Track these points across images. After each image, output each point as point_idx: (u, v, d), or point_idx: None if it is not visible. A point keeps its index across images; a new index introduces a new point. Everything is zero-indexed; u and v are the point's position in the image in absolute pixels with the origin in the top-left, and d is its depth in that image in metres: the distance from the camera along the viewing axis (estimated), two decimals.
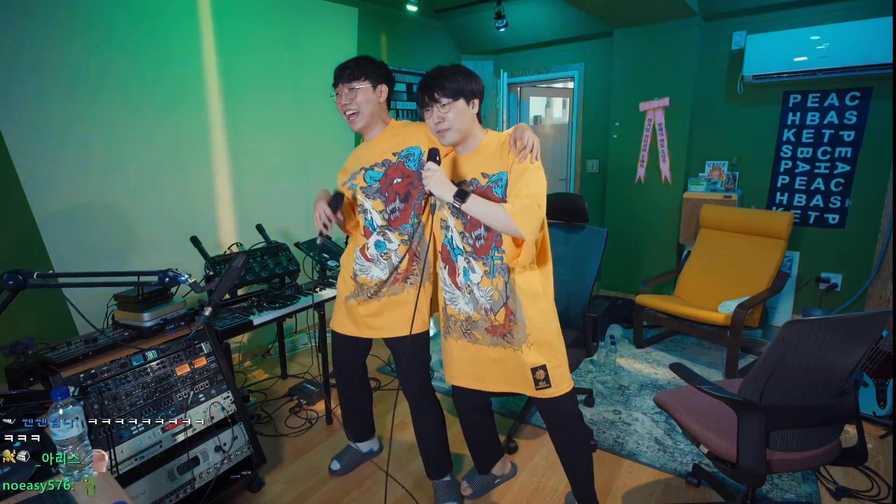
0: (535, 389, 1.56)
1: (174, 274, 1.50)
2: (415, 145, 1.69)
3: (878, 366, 2.28)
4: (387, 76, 1.70)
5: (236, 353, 3.13)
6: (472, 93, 1.47)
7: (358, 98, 1.64)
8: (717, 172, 3.74)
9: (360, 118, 1.68)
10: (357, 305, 1.81)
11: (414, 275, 1.74)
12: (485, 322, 1.57)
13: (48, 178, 2.32)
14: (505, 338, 1.56)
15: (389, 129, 1.74)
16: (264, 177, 3.25)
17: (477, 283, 1.55)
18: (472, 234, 1.53)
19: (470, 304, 1.58)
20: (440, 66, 1.49)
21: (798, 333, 1.30)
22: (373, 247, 1.74)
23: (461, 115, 1.45)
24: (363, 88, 1.64)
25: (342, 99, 1.66)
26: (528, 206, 1.36)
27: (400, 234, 1.71)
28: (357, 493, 2.00)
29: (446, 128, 1.46)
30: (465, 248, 1.55)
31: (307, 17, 3.39)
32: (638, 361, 3.14)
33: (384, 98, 1.70)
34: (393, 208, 1.70)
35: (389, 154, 1.70)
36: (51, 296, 2.38)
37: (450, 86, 1.43)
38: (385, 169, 1.70)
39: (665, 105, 3.74)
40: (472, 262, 1.55)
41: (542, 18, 4.25)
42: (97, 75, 2.43)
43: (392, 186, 1.69)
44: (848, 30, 3.01)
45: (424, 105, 1.48)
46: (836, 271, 3.45)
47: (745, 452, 1.40)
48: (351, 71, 1.63)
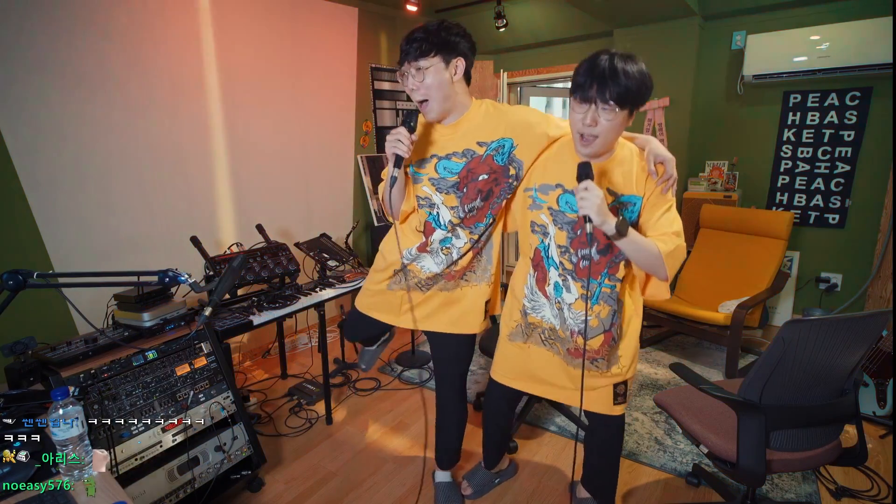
0: (611, 406, 1.50)
1: (174, 274, 1.50)
2: (506, 136, 1.42)
3: (878, 366, 2.28)
4: (466, 45, 1.38)
5: (236, 353, 3.14)
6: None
7: (427, 80, 1.34)
8: (717, 172, 3.74)
9: (435, 104, 1.37)
10: (403, 293, 1.63)
11: (472, 272, 1.60)
12: (568, 343, 1.46)
13: (48, 178, 2.33)
14: (595, 363, 1.46)
15: (473, 112, 1.44)
16: (264, 177, 3.25)
17: (569, 304, 1.42)
18: (578, 252, 1.37)
19: (557, 319, 1.47)
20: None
21: (798, 333, 1.30)
22: (436, 242, 1.53)
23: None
24: (433, 67, 1.33)
25: (410, 82, 1.37)
26: (681, 248, 1.27)
27: (471, 233, 1.52)
28: (357, 493, 2.00)
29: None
30: (564, 264, 1.40)
31: (307, 17, 3.39)
32: (638, 361, 3.13)
33: (461, 74, 1.39)
34: (472, 207, 1.47)
35: (474, 143, 1.42)
36: (51, 296, 2.38)
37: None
38: (467, 161, 1.43)
39: (665, 105, 3.74)
40: (569, 280, 1.40)
41: (542, 18, 4.25)
42: (97, 75, 2.44)
43: (475, 183, 1.44)
44: (848, 30, 3.01)
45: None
46: (836, 271, 3.45)
47: (745, 452, 1.40)
48: (419, 45, 1.32)
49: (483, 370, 2.98)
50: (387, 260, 1.64)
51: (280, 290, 2.47)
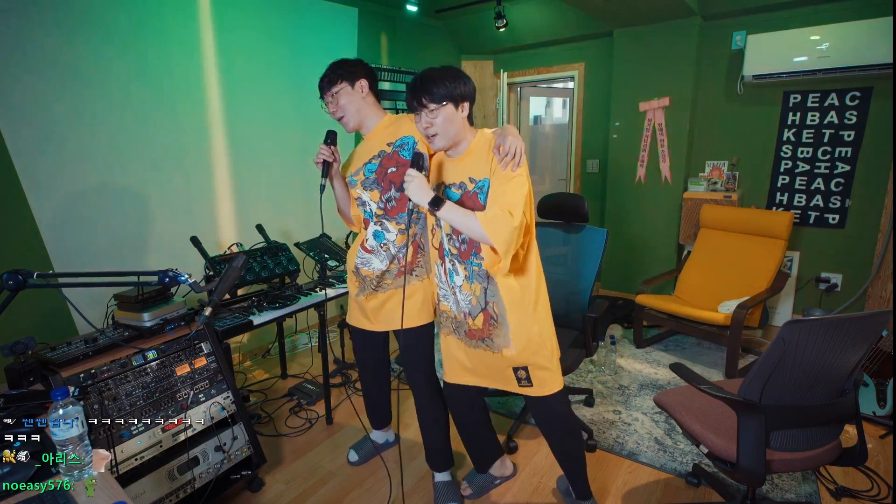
0: (518, 386, 1.61)
1: (174, 274, 1.50)
2: (409, 135, 1.72)
3: (878, 366, 2.28)
4: (363, 71, 1.73)
5: (236, 353, 3.14)
6: (461, 96, 1.44)
7: (341, 101, 1.70)
8: (717, 172, 3.74)
9: (349, 118, 1.73)
10: (365, 300, 1.85)
11: (419, 267, 1.77)
12: (463, 325, 1.61)
13: (48, 178, 2.32)
14: (484, 342, 1.58)
15: (384, 121, 1.78)
16: (264, 177, 3.25)
17: (459, 287, 1.57)
18: (458, 237, 1.53)
19: (454, 305, 1.61)
20: (430, 70, 1.45)
21: (798, 333, 1.30)
22: (371, 237, 1.77)
23: (449, 120, 1.43)
24: (342, 90, 1.69)
25: (330, 107, 1.73)
26: (500, 215, 1.34)
27: (397, 224, 1.73)
28: (357, 493, 2.00)
29: (434, 133, 1.45)
30: (451, 250, 1.56)
31: (307, 17, 3.39)
32: (638, 361, 3.14)
33: (367, 91, 1.73)
34: (388, 197, 1.72)
35: (384, 145, 1.73)
36: (51, 296, 2.37)
37: (437, 90, 1.40)
38: (380, 159, 1.73)
39: (665, 105, 3.74)
40: (456, 264, 1.56)
41: (542, 18, 4.25)
42: (97, 75, 2.44)
43: (387, 175, 1.72)
44: (848, 30, 3.01)
45: (413, 109, 1.47)
46: (836, 271, 3.45)
47: (745, 452, 1.40)
48: (327, 78, 1.69)
49: None
50: (348, 267, 1.90)
51: (280, 290, 2.47)
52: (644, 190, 4.01)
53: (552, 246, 2.43)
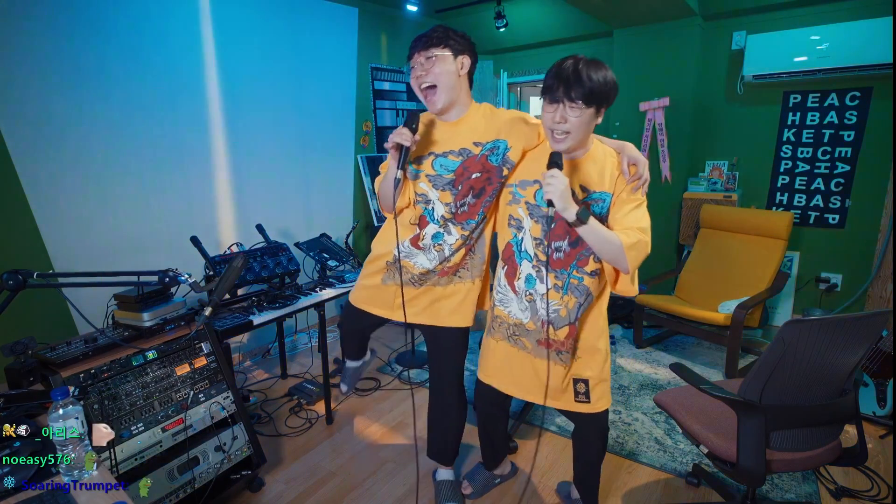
0: (573, 402, 1.54)
1: (174, 274, 1.50)
2: (502, 138, 1.49)
3: (878, 366, 2.28)
4: (470, 48, 1.48)
5: (236, 353, 3.14)
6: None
7: (436, 68, 1.42)
8: (717, 172, 3.74)
9: (440, 93, 1.44)
10: (396, 288, 1.63)
11: (465, 269, 1.64)
12: (539, 334, 1.50)
13: (48, 178, 2.33)
14: (560, 355, 1.50)
15: (473, 113, 1.52)
16: (264, 177, 3.25)
17: (542, 295, 1.46)
18: (552, 244, 1.42)
19: (527, 312, 1.50)
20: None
21: (798, 333, 1.30)
22: (429, 237, 1.58)
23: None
24: (442, 56, 1.42)
25: (417, 70, 1.45)
26: (644, 242, 1.33)
27: (462, 229, 1.56)
28: (357, 493, 2.00)
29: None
30: (537, 255, 1.45)
31: (307, 17, 3.39)
32: (638, 361, 3.14)
33: (465, 71, 1.47)
34: (463, 203, 1.52)
35: (470, 143, 1.49)
36: (51, 296, 2.38)
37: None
38: (463, 160, 1.49)
39: (665, 105, 3.74)
40: (542, 271, 1.45)
41: (542, 18, 4.25)
42: (97, 75, 2.44)
43: (469, 181, 1.50)
44: (848, 30, 3.01)
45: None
46: (836, 271, 3.45)
47: (745, 452, 1.40)
48: (428, 38, 1.43)
49: None
50: (378, 252, 1.69)
51: (280, 290, 2.47)
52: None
53: None
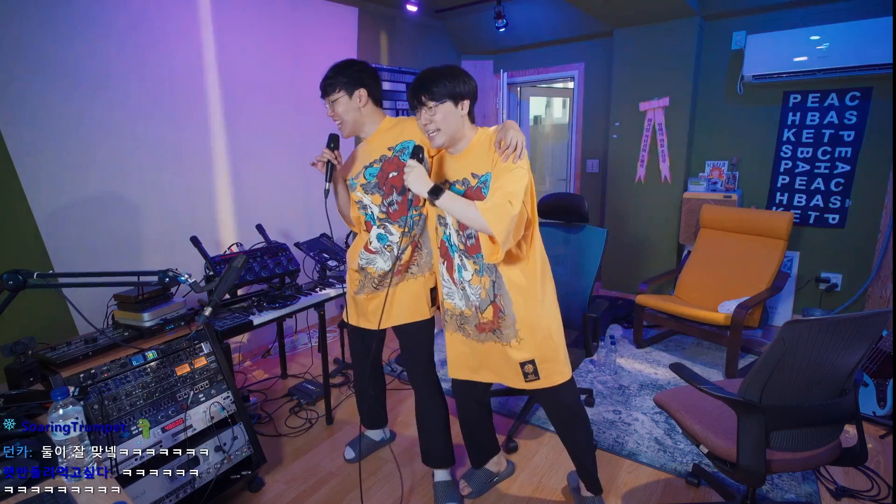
0: (524, 382, 1.62)
1: (174, 274, 1.50)
2: (409, 139, 1.73)
3: (878, 366, 2.28)
4: (362, 79, 1.71)
5: (236, 353, 3.14)
6: (461, 94, 1.46)
7: (338, 109, 1.71)
8: (717, 172, 3.74)
9: (345, 126, 1.75)
10: (367, 301, 1.87)
11: (415, 265, 1.80)
12: (474, 319, 1.62)
13: (48, 178, 2.32)
14: (494, 333, 1.61)
15: (384, 125, 1.79)
16: (264, 177, 3.25)
17: (468, 281, 1.59)
18: (465, 232, 1.55)
19: (462, 300, 1.63)
20: (431, 69, 1.48)
21: (798, 333, 1.30)
22: (375, 240, 1.79)
23: (449, 118, 1.46)
24: (339, 99, 1.70)
25: (328, 111, 1.76)
26: (499, 204, 1.37)
27: (399, 227, 1.75)
28: (357, 493, 2.00)
29: (434, 129, 1.48)
30: (459, 245, 1.58)
31: (307, 17, 3.39)
32: (638, 361, 3.14)
33: (365, 101, 1.73)
34: (391, 201, 1.74)
35: (385, 149, 1.75)
36: (51, 296, 2.38)
37: (437, 89, 1.43)
38: (381, 164, 1.74)
39: (665, 105, 3.74)
40: (464, 259, 1.58)
41: (542, 18, 4.25)
42: (97, 75, 2.44)
43: (388, 180, 1.73)
44: (848, 30, 3.01)
45: (414, 107, 1.50)
46: (836, 271, 3.45)
47: (745, 452, 1.40)
48: (325, 85, 1.71)
49: None
50: (349, 266, 1.91)
51: (280, 290, 2.47)
52: (644, 190, 4.01)
53: (552, 246, 2.43)
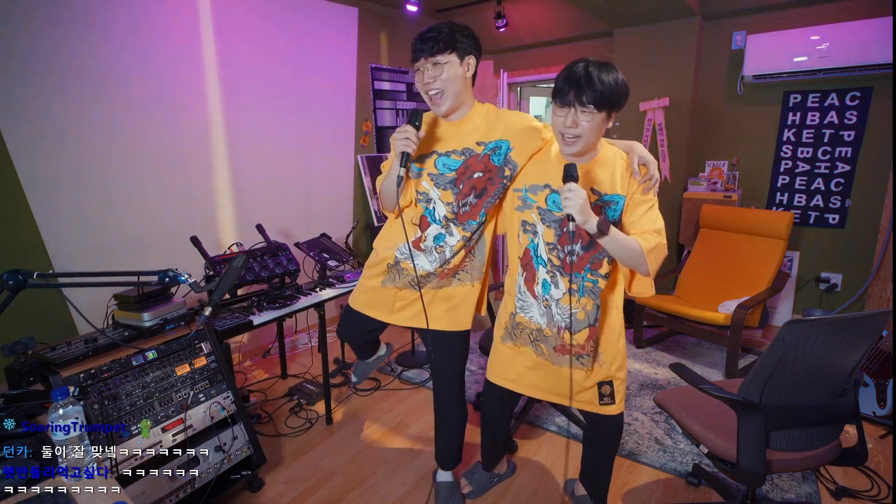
0: (598, 405, 1.54)
1: (174, 274, 1.50)
2: (504, 138, 1.49)
3: (878, 366, 2.28)
4: (476, 47, 1.45)
5: (236, 353, 3.13)
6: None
7: (444, 74, 1.40)
8: (717, 172, 3.74)
9: (448, 98, 1.43)
10: (395, 291, 1.65)
11: (464, 271, 1.63)
12: (555, 340, 1.50)
13: (48, 178, 2.32)
14: (580, 359, 1.50)
15: (476, 113, 1.51)
16: (264, 177, 3.25)
17: (557, 300, 1.46)
18: (565, 248, 1.43)
19: (544, 318, 1.50)
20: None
21: (798, 333, 1.30)
22: (430, 238, 1.57)
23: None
24: (450, 63, 1.39)
25: (424, 76, 1.42)
26: (662, 245, 1.35)
27: (464, 230, 1.56)
28: (357, 493, 2.00)
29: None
30: (551, 260, 1.45)
31: (307, 17, 3.39)
32: (638, 361, 3.14)
33: (472, 73, 1.46)
34: (465, 203, 1.52)
35: (473, 143, 1.49)
36: (51, 296, 2.38)
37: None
38: (465, 159, 1.50)
39: (665, 105, 3.74)
40: (557, 276, 1.45)
41: (542, 18, 4.25)
42: (97, 75, 2.44)
43: (470, 180, 1.50)
44: (848, 30, 3.01)
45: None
46: (836, 271, 3.45)
47: (745, 452, 1.40)
48: (434, 43, 1.38)
49: (483, 370, 2.97)
50: (379, 255, 1.68)
51: (280, 290, 2.47)
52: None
53: None
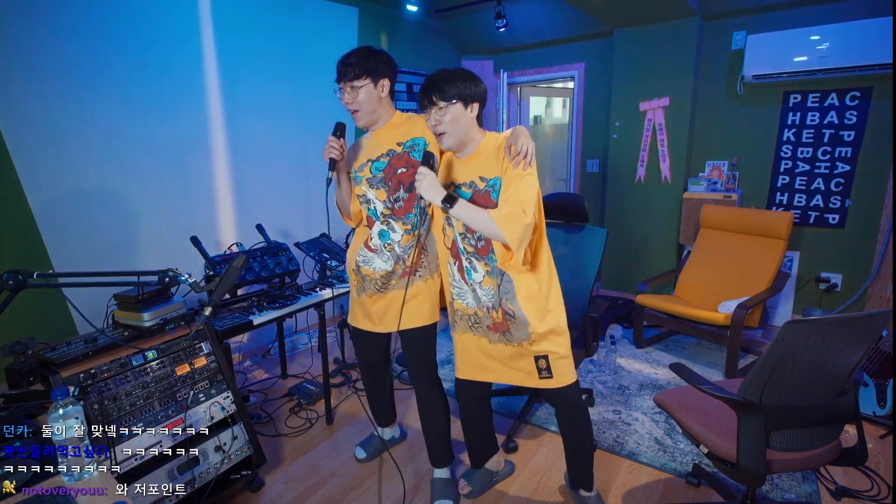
0: (538, 379, 1.62)
1: (174, 274, 1.50)
2: (420, 136, 1.70)
3: (878, 366, 2.28)
4: (389, 69, 1.68)
5: (236, 353, 3.13)
6: (471, 97, 1.48)
7: (360, 96, 1.64)
8: (717, 172, 3.74)
9: (363, 115, 1.69)
10: (370, 302, 1.84)
11: (423, 267, 1.77)
12: (487, 319, 1.62)
13: (48, 178, 2.32)
14: (505, 335, 1.61)
15: (394, 120, 1.75)
16: (264, 177, 3.25)
17: (479, 282, 1.59)
18: (473, 235, 1.55)
19: (474, 301, 1.63)
20: (442, 70, 1.50)
21: (798, 333, 1.30)
22: (376, 236, 1.76)
23: (458, 120, 1.48)
24: (365, 86, 1.63)
25: (345, 97, 1.66)
26: (513, 212, 1.39)
27: (403, 224, 1.72)
28: (357, 493, 2.00)
29: (442, 131, 1.49)
30: (466, 248, 1.59)
31: (307, 17, 3.39)
32: (638, 361, 3.14)
33: (387, 92, 1.69)
34: (396, 197, 1.71)
35: (394, 144, 1.71)
36: (51, 296, 2.37)
37: (448, 90, 1.45)
38: (389, 159, 1.71)
39: (665, 105, 3.74)
40: (473, 261, 1.58)
41: (542, 18, 4.25)
42: (97, 75, 2.44)
43: (396, 175, 1.70)
44: (848, 30, 3.01)
45: (424, 107, 1.51)
46: (836, 271, 3.45)
47: (745, 452, 1.40)
48: (352, 69, 1.61)
49: None
50: (348, 266, 1.88)
51: (280, 290, 2.47)
52: (644, 190, 4.01)
53: (553, 246, 2.41)
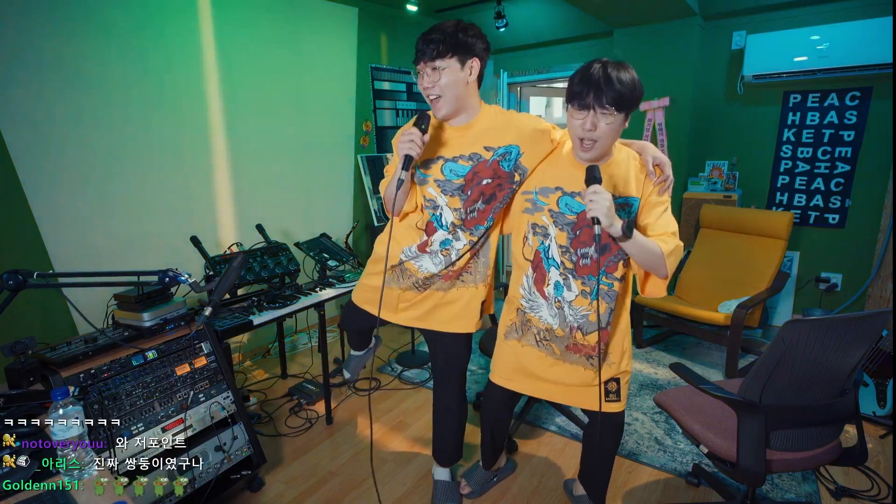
0: (604, 402, 1.53)
1: (174, 274, 1.50)
2: (514, 143, 1.44)
3: (878, 366, 2.28)
4: (479, 48, 1.41)
5: (236, 353, 3.13)
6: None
7: (443, 80, 1.37)
8: (717, 172, 3.74)
9: (446, 104, 1.40)
10: (399, 292, 1.65)
11: (468, 273, 1.62)
12: (568, 340, 1.50)
13: (48, 178, 2.32)
14: (590, 359, 1.50)
15: (483, 117, 1.47)
16: (264, 177, 3.25)
17: (570, 302, 1.46)
18: (578, 251, 1.42)
19: (556, 319, 1.50)
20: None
21: (798, 333, 1.30)
22: (437, 243, 1.56)
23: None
24: (449, 67, 1.36)
25: (423, 80, 1.40)
26: (679, 247, 1.35)
27: (471, 235, 1.54)
28: (357, 493, 2.00)
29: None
30: (564, 262, 1.45)
31: (307, 17, 3.38)
32: (638, 361, 3.14)
33: (475, 76, 1.42)
34: (473, 209, 1.50)
35: (481, 148, 1.45)
36: (51, 296, 2.37)
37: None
38: (473, 164, 1.45)
39: (665, 105, 3.73)
40: (569, 279, 1.45)
41: (542, 18, 4.25)
42: (97, 75, 2.43)
43: (479, 186, 1.46)
44: (848, 30, 3.01)
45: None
46: (836, 271, 3.45)
47: (745, 452, 1.40)
48: (436, 46, 1.35)
49: (483, 370, 2.98)
50: (381, 253, 1.65)
51: (280, 290, 2.47)
52: None
53: None
